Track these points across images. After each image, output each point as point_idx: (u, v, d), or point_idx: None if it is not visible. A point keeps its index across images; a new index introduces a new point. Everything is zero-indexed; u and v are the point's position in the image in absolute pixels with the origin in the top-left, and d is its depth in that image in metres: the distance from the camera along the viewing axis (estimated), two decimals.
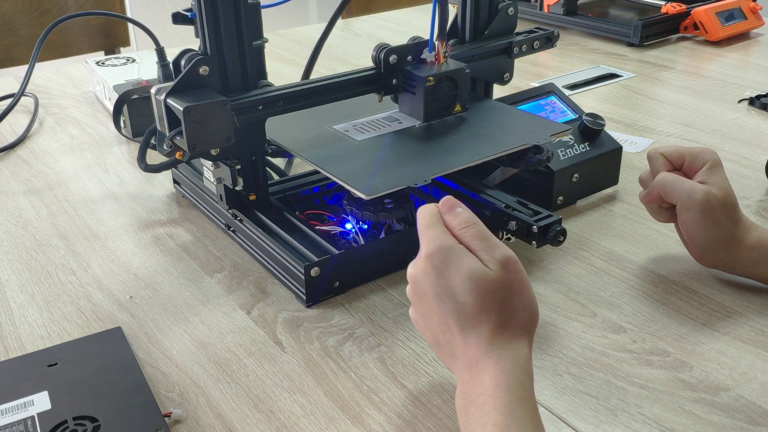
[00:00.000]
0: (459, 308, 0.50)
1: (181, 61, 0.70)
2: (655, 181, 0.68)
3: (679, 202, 0.66)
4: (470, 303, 0.49)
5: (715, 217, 0.65)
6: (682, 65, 1.31)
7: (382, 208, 0.71)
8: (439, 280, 0.51)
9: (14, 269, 0.75)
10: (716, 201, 0.65)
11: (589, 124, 0.83)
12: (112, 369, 0.58)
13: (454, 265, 0.50)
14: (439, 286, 0.51)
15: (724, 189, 0.66)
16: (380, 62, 0.76)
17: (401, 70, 0.76)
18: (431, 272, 0.51)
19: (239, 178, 0.72)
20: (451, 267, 0.50)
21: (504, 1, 0.85)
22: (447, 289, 0.50)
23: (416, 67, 0.76)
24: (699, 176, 0.67)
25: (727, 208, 0.65)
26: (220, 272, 0.73)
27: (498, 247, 0.51)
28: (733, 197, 0.66)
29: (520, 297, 0.51)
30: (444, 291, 0.50)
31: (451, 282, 0.50)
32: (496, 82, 0.88)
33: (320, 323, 0.65)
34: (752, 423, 0.53)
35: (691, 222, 0.66)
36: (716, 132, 1.03)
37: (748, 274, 0.67)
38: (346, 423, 0.55)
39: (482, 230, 0.53)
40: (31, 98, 1.17)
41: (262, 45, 0.74)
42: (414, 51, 0.77)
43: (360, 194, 0.64)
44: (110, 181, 0.92)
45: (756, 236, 0.66)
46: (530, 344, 0.51)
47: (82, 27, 1.60)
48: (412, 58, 0.77)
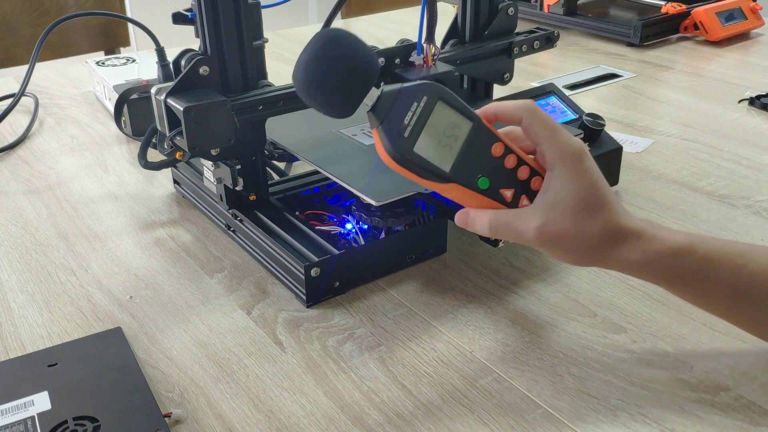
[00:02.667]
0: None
1: (181, 61, 0.70)
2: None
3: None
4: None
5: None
6: (682, 65, 1.31)
7: (391, 214, 0.71)
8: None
9: (14, 269, 0.75)
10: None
11: (589, 124, 0.83)
12: (112, 369, 0.58)
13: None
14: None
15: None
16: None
17: (389, 72, 0.76)
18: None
19: (239, 178, 0.72)
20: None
21: (504, 1, 0.85)
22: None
23: (404, 70, 0.76)
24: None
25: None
26: (220, 272, 0.73)
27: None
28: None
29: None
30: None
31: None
32: (497, 82, 0.88)
33: (320, 323, 0.65)
34: (752, 423, 0.53)
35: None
36: (716, 132, 1.03)
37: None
38: (346, 423, 0.55)
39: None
40: (31, 98, 1.17)
41: (262, 45, 0.74)
42: (402, 54, 0.76)
43: (370, 200, 0.64)
44: (110, 181, 0.92)
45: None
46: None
47: (82, 27, 1.60)
48: (401, 60, 0.77)
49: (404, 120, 0.53)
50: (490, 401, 0.56)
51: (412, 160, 0.53)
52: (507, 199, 0.57)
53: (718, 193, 0.86)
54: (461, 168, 0.55)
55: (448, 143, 0.54)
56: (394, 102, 0.53)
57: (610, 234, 0.55)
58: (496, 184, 0.56)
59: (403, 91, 0.53)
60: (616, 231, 0.55)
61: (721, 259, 0.55)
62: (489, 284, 0.70)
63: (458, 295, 0.68)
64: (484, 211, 0.57)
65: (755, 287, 0.54)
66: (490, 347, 0.62)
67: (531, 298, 0.68)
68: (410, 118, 0.53)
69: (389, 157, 0.53)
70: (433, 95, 0.54)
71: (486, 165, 0.55)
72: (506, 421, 0.54)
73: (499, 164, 0.56)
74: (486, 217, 0.56)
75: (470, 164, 0.55)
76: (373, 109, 0.53)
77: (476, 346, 0.62)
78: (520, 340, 0.62)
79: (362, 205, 0.71)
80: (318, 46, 0.52)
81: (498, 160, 0.56)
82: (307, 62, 0.52)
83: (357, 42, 0.53)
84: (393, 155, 0.53)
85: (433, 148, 0.54)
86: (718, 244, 0.56)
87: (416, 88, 0.53)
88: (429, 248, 0.73)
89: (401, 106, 0.53)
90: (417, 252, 0.73)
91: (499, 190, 0.56)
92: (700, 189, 0.87)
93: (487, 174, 0.55)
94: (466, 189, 0.55)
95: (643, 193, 0.86)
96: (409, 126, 0.53)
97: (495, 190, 0.56)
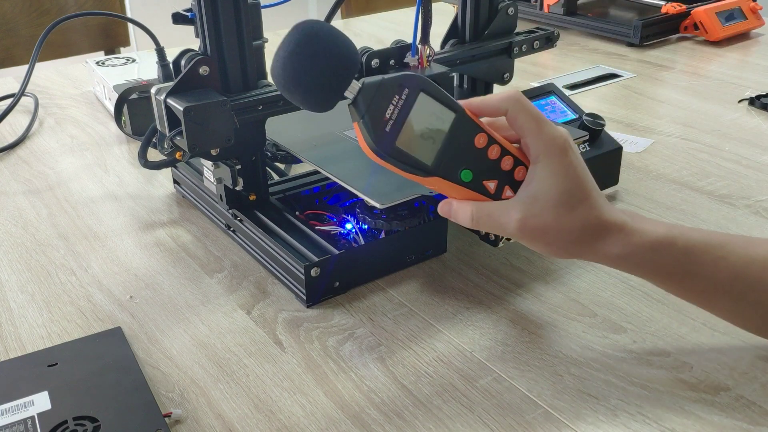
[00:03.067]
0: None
1: (181, 61, 0.70)
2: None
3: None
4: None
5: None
6: (682, 65, 1.31)
7: (395, 216, 0.71)
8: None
9: (14, 269, 0.75)
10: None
11: (589, 124, 0.83)
12: (112, 369, 0.58)
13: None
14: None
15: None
16: (362, 66, 0.75)
17: (384, 74, 0.76)
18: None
19: (239, 178, 0.72)
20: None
21: (504, 1, 0.85)
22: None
23: (399, 71, 0.76)
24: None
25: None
26: (220, 272, 0.73)
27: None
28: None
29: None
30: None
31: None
32: (496, 82, 0.88)
33: (320, 323, 0.65)
34: (752, 423, 0.53)
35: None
36: (716, 132, 1.03)
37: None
38: (346, 423, 0.55)
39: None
40: (31, 98, 1.17)
41: (262, 45, 0.74)
42: (397, 55, 0.76)
43: (374, 203, 0.64)
44: (110, 181, 0.92)
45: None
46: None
47: (82, 27, 1.60)
48: (395, 62, 0.76)
49: (386, 113, 0.52)
50: (490, 401, 0.56)
51: (394, 154, 0.53)
52: (490, 190, 0.56)
53: (718, 193, 0.86)
54: (444, 161, 0.54)
55: (431, 136, 0.54)
56: (374, 95, 0.52)
57: (590, 228, 0.55)
58: (479, 176, 0.56)
59: (384, 84, 0.52)
60: (596, 225, 0.55)
61: (702, 251, 0.55)
62: (489, 284, 0.70)
63: (458, 295, 0.68)
64: (467, 202, 0.57)
65: (736, 279, 0.55)
66: (490, 347, 0.62)
67: (531, 298, 0.68)
68: (392, 111, 0.52)
69: (371, 151, 0.53)
70: (415, 87, 0.53)
71: (469, 157, 0.55)
72: (506, 421, 0.54)
73: (482, 155, 0.55)
74: (468, 208, 0.56)
75: (453, 157, 0.54)
76: (354, 102, 0.52)
77: (476, 346, 0.62)
78: (520, 340, 0.62)
79: (366, 207, 0.71)
80: (295, 41, 0.51)
81: (481, 151, 0.55)
82: (285, 59, 0.51)
83: (335, 35, 0.52)
84: (374, 150, 0.52)
85: (416, 142, 0.53)
86: (698, 236, 0.56)
87: (397, 80, 0.52)
88: (429, 248, 0.73)
89: (382, 99, 0.52)
90: (417, 252, 0.73)
91: (482, 182, 0.56)
92: (700, 189, 0.87)
93: (470, 166, 0.55)
94: (449, 182, 0.55)
95: (643, 193, 0.86)
96: (391, 120, 0.52)
97: (478, 183, 0.56)
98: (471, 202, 0.56)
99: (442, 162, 0.54)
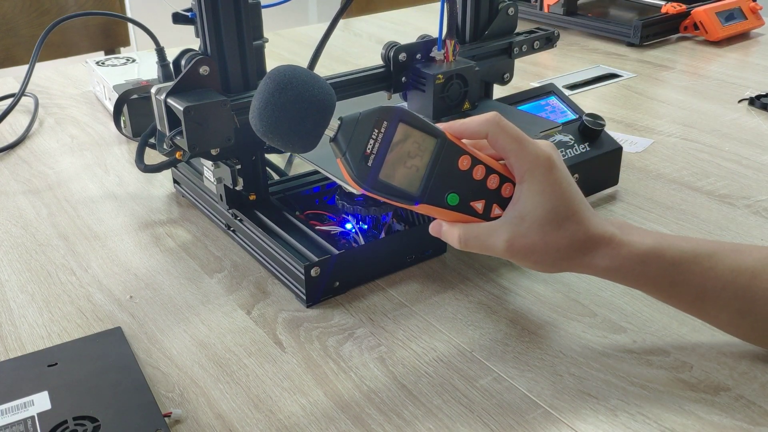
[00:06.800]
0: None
1: (181, 61, 0.70)
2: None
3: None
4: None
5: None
6: (682, 65, 1.31)
7: (373, 203, 0.70)
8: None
9: (14, 269, 0.75)
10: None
11: (589, 124, 0.83)
12: (112, 369, 0.58)
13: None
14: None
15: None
16: (390, 60, 0.76)
17: (411, 68, 0.77)
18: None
19: (239, 178, 0.72)
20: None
21: (504, 1, 0.85)
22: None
23: (426, 65, 0.77)
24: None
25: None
26: (220, 272, 0.73)
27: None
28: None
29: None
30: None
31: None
32: (496, 82, 0.88)
33: (320, 323, 0.65)
34: (752, 423, 0.53)
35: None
36: (716, 132, 1.03)
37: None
38: (346, 423, 0.55)
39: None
40: (31, 98, 1.17)
41: (262, 45, 0.74)
42: (423, 49, 0.77)
43: (351, 189, 0.64)
44: (110, 181, 0.92)
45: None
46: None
47: (82, 27, 1.61)
48: (422, 56, 0.77)
49: (366, 148, 0.52)
50: (490, 401, 0.56)
51: (379, 188, 0.53)
52: (479, 211, 0.57)
53: (718, 193, 0.86)
54: (429, 188, 0.54)
55: (414, 164, 0.54)
56: (354, 131, 0.52)
57: (578, 243, 0.55)
58: (466, 199, 0.56)
59: (361, 119, 0.52)
60: (584, 240, 0.55)
61: (690, 261, 0.55)
62: (489, 284, 0.70)
63: (458, 295, 0.68)
64: (455, 225, 0.57)
65: (724, 289, 0.55)
66: (490, 347, 0.62)
67: (531, 298, 0.68)
68: (372, 145, 0.53)
69: (357, 186, 0.53)
70: (393, 119, 0.53)
71: (454, 180, 0.55)
72: (506, 421, 0.54)
73: (467, 177, 0.55)
74: (456, 232, 0.57)
75: (438, 182, 0.55)
76: (334, 139, 0.53)
77: (476, 346, 0.62)
78: (520, 340, 0.62)
79: (345, 194, 0.71)
80: (269, 91, 0.52)
81: (466, 173, 0.55)
82: (260, 110, 0.52)
83: (307, 81, 0.52)
84: (360, 185, 0.53)
85: (400, 173, 0.54)
86: (687, 246, 0.56)
87: (374, 114, 0.53)
88: (429, 248, 0.73)
89: (362, 134, 0.52)
90: (417, 252, 0.73)
91: (469, 203, 0.56)
92: (700, 189, 0.87)
93: (456, 189, 0.55)
94: (437, 207, 0.55)
95: (643, 193, 0.86)
96: (372, 154, 0.53)
97: (465, 205, 0.56)
98: (459, 225, 0.57)
99: (427, 189, 0.54)
